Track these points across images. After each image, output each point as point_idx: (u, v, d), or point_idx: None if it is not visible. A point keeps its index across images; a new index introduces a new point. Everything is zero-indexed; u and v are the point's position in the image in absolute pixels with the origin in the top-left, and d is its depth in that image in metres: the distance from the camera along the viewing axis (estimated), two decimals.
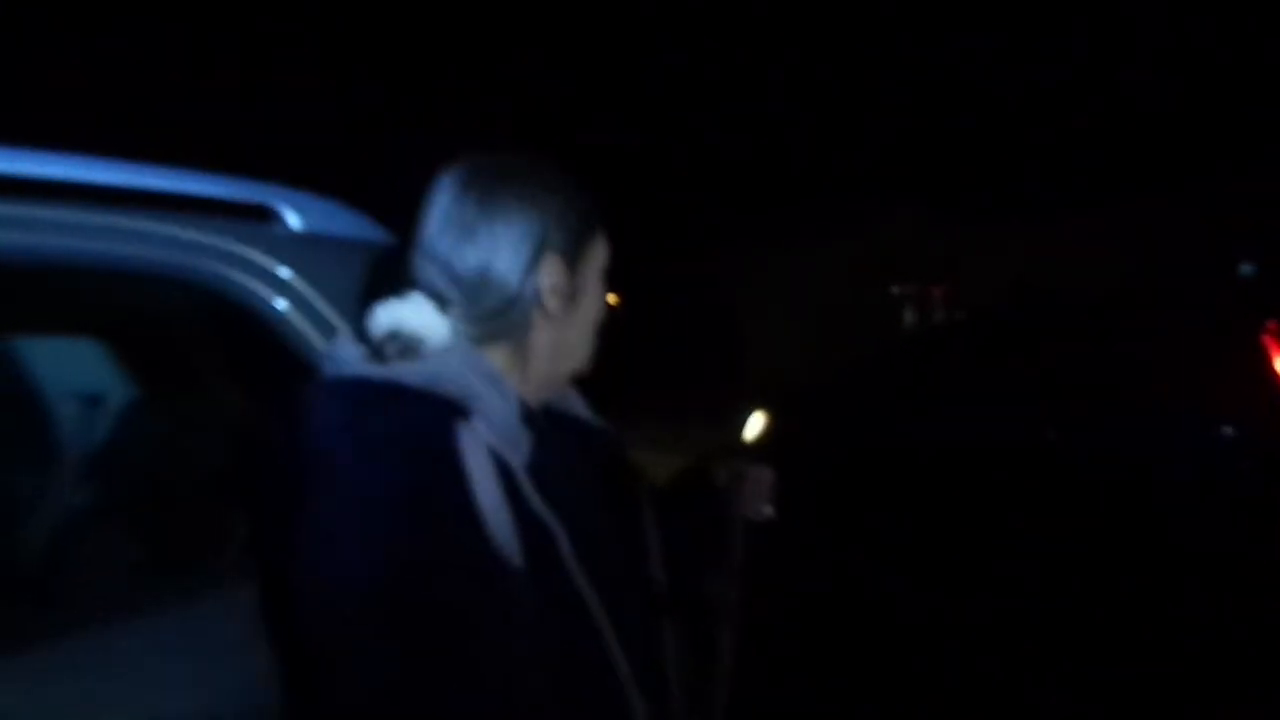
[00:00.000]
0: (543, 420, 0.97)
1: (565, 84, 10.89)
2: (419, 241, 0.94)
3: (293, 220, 1.45)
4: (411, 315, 0.89)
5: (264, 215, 1.43)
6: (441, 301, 0.91)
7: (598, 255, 1.02)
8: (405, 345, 0.87)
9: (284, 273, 1.36)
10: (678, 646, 1.06)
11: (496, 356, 0.93)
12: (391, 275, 0.95)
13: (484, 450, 0.84)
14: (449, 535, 0.78)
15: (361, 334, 0.92)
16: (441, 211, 0.93)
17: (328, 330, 1.33)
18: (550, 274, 0.94)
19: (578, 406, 1.11)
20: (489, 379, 0.90)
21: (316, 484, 0.81)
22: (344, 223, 1.51)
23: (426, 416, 0.83)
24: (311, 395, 0.89)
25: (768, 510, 1.30)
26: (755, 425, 5.08)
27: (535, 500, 0.86)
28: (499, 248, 0.91)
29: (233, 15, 9.54)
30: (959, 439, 3.72)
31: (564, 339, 0.99)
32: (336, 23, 10.35)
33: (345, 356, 0.91)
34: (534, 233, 0.93)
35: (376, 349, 0.88)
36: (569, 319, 0.98)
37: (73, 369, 1.54)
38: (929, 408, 3.99)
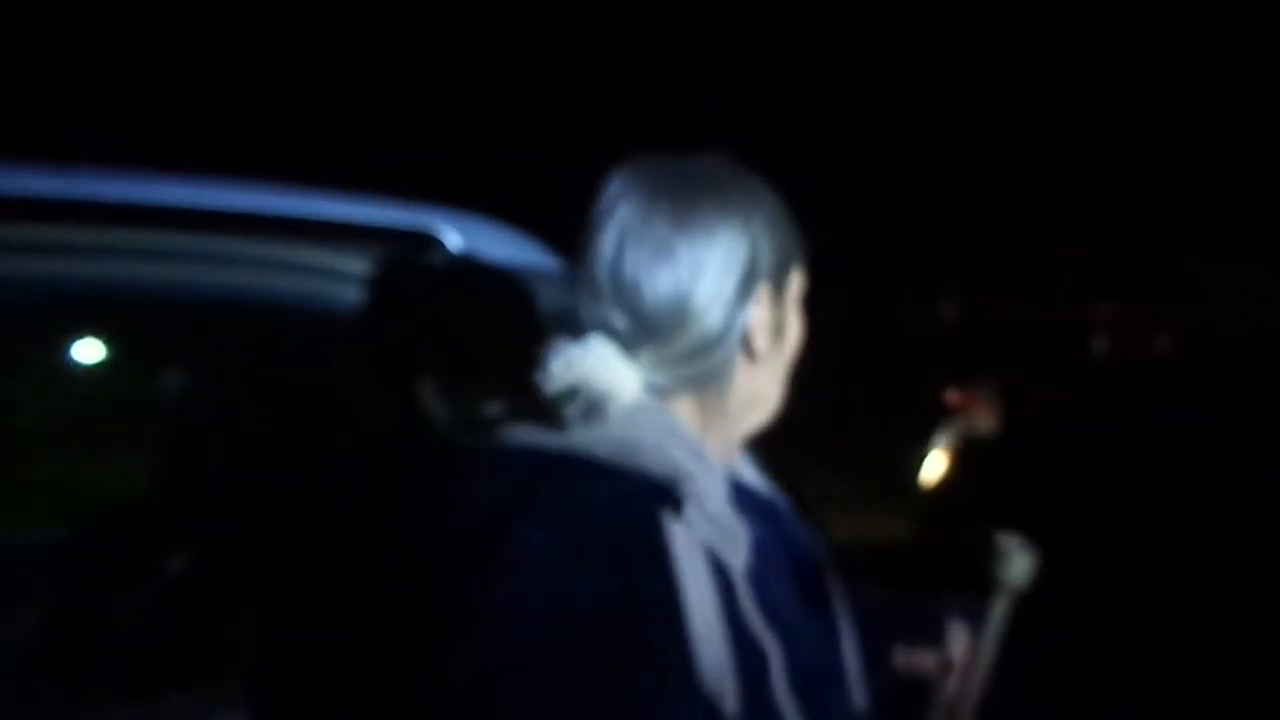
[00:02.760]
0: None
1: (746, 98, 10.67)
2: (589, 266, 0.74)
3: (454, 246, 1.32)
4: (599, 365, 0.69)
5: (423, 241, 1.30)
6: (626, 344, 0.72)
7: (798, 280, 0.81)
8: (590, 404, 0.68)
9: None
10: None
11: (681, 415, 0.75)
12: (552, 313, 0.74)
13: (700, 551, 0.66)
14: (654, 672, 0.61)
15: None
16: (621, 226, 0.73)
17: None
18: (762, 306, 0.75)
19: (746, 470, 0.87)
20: (692, 450, 0.70)
21: (478, 588, 0.63)
22: (510, 247, 1.36)
23: (628, 503, 0.65)
24: (468, 469, 0.71)
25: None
26: (934, 467, 4.67)
27: (754, 615, 0.67)
28: (702, 271, 0.72)
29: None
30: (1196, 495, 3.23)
31: (760, 387, 0.79)
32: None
33: (499, 415, 0.74)
34: (743, 253, 0.74)
35: (545, 408, 0.69)
36: (769, 362, 0.79)
37: (209, 405, 1.49)
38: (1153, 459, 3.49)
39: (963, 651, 0.95)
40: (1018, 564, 0.89)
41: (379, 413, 1.32)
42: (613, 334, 0.72)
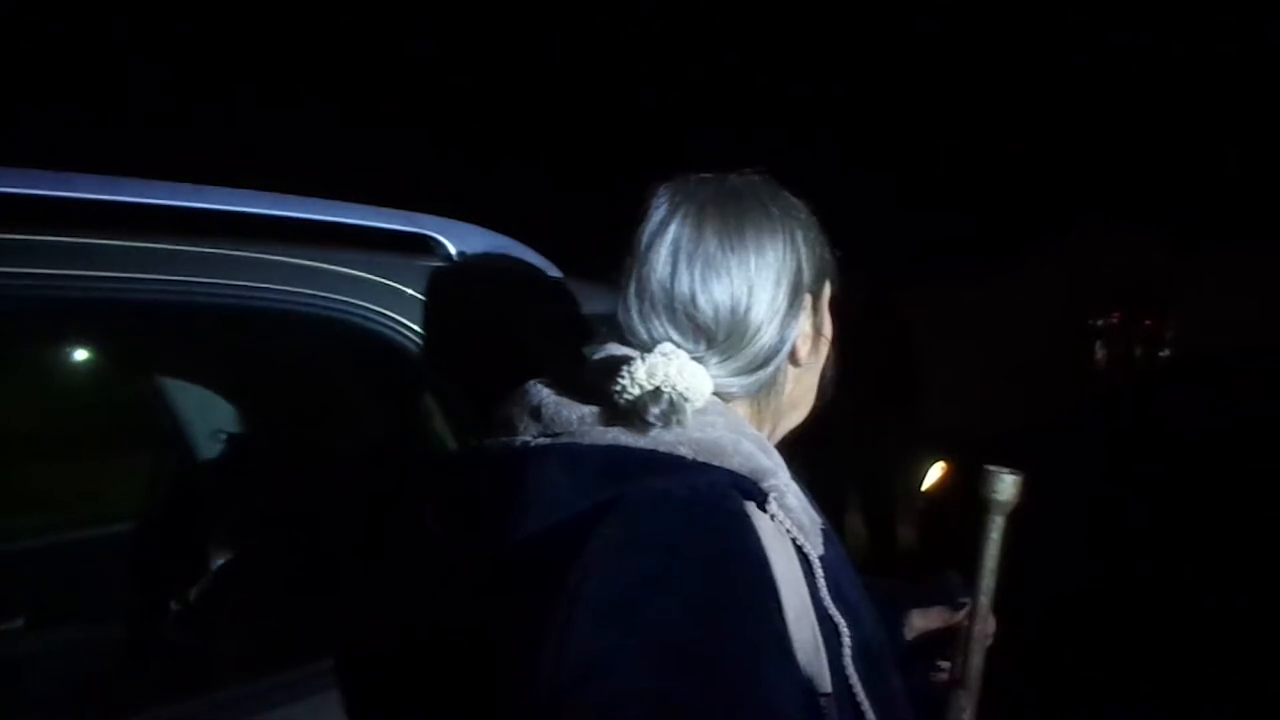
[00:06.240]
0: None
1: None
2: (642, 281, 0.76)
3: (453, 252, 1.32)
4: (678, 371, 0.70)
5: (422, 246, 1.31)
6: (689, 355, 0.75)
7: (831, 288, 0.85)
8: (672, 407, 0.69)
9: None
10: None
11: (741, 417, 0.78)
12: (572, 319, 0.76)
13: (788, 544, 0.69)
14: (771, 654, 0.62)
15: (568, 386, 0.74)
16: (674, 244, 0.76)
17: None
18: (806, 318, 0.80)
19: None
20: (764, 449, 0.73)
21: (574, 584, 0.62)
22: (508, 252, 1.36)
23: (722, 498, 0.67)
24: (532, 469, 0.70)
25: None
26: (934, 476, 4.67)
27: (829, 599, 0.71)
28: (755, 287, 0.76)
29: None
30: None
31: (802, 390, 0.85)
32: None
33: (571, 416, 0.72)
34: (790, 268, 0.77)
35: (625, 410, 0.69)
36: (810, 367, 0.84)
37: (213, 409, 1.49)
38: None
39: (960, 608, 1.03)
40: (1006, 482, 0.98)
41: (387, 417, 1.33)
42: (675, 345, 0.74)
